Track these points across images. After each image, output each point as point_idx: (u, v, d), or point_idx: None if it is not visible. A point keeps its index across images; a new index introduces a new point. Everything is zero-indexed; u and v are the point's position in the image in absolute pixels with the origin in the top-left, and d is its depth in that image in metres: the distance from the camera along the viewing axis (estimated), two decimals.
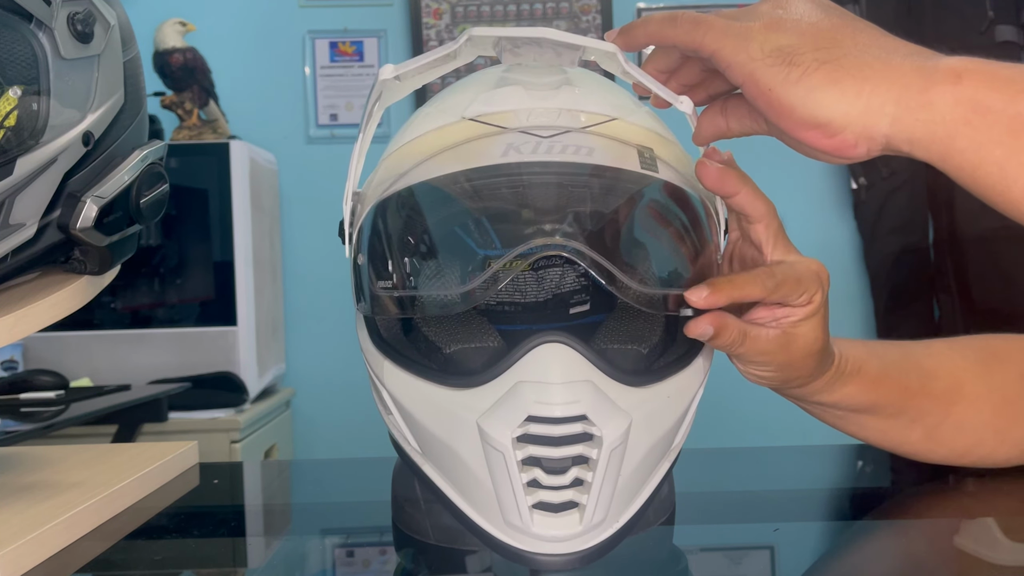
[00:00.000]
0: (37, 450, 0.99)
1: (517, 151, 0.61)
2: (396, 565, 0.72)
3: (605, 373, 0.60)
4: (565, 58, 0.65)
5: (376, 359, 0.65)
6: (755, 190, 0.65)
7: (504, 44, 0.64)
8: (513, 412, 0.58)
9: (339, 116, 2.96)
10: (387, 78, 0.64)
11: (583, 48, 0.64)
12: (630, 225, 0.64)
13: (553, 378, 0.58)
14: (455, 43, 0.63)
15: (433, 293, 0.63)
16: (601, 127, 0.63)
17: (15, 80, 0.65)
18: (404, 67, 0.64)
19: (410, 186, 0.63)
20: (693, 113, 0.66)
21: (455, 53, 0.63)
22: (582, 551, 0.59)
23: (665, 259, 0.65)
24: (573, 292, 0.72)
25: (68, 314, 0.74)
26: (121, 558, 0.72)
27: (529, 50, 0.65)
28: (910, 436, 0.78)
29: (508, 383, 0.59)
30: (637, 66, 0.65)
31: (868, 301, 2.93)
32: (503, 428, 0.58)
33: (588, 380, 0.59)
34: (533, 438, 0.58)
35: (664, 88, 0.65)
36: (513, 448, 0.58)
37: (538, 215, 0.61)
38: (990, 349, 0.81)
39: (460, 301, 0.62)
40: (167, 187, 0.78)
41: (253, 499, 1.00)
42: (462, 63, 0.66)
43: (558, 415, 0.58)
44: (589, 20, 2.87)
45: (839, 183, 2.96)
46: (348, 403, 2.77)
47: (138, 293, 2.46)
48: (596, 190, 0.63)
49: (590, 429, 0.58)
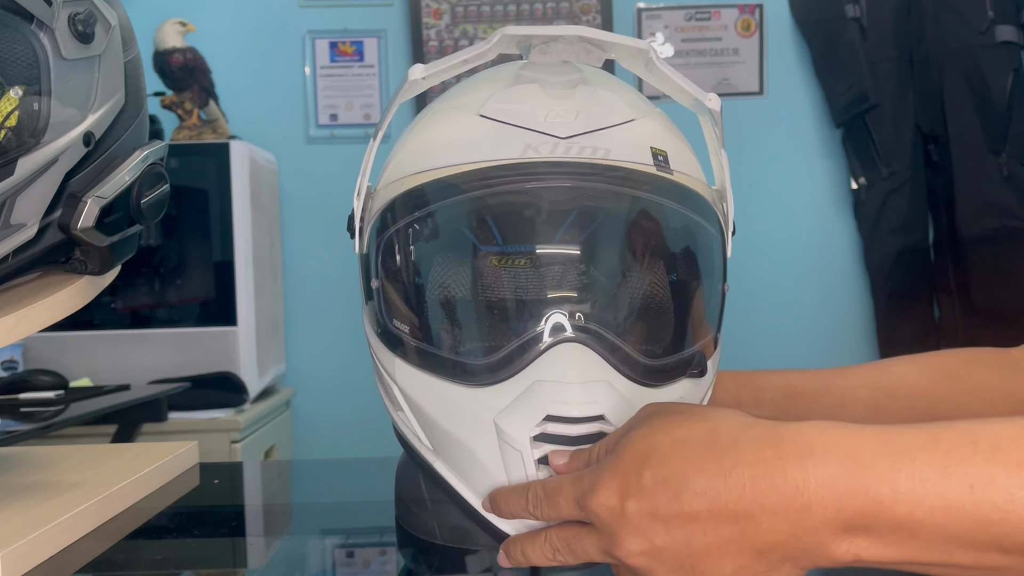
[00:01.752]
0: (37, 450, 0.99)
1: (535, 151, 0.61)
2: (399, 565, 0.72)
3: (621, 373, 0.60)
4: (594, 56, 0.66)
5: (386, 355, 0.65)
6: None
7: (535, 42, 0.65)
8: (531, 411, 0.58)
9: (339, 116, 2.95)
10: (416, 78, 0.64)
11: (614, 46, 0.64)
12: (644, 279, 0.64)
13: (571, 378, 0.59)
14: (487, 43, 0.63)
15: (444, 294, 0.63)
16: (617, 128, 0.63)
17: (16, 80, 0.65)
18: (433, 67, 0.64)
19: (425, 183, 0.63)
20: (720, 111, 0.67)
21: (485, 53, 0.64)
22: None
23: (678, 320, 0.65)
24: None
25: (69, 314, 0.74)
26: (121, 558, 0.72)
27: (558, 48, 0.65)
28: None
29: (525, 382, 0.59)
30: (667, 63, 0.66)
31: (868, 301, 2.93)
32: (521, 427, 0.58)
33: (605, 380, 0.59)
34: (550, 437, 0.59)
35: (693, 85, 0.66)
36: (531, 447, 0.58)
37: (550, 283, 0.61)
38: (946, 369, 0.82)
39: (471, 301, 0.62)
40: (167, 187, 0.78)
41: (253, 499, 1.00)
42: (489, 60, 0.66)
43: (576, 415, 0.58)
44: (589, 20, 2.87)
45: (839, 183, 2.96)
46: (348, 403, 2.77)
47: (138, 293, 2.45)
48: (612, 207, 0.63)
49: (607, 429, 0.58)
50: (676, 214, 0.64)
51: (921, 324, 2.88)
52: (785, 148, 2.97)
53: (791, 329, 2.92)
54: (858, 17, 2.83)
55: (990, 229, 2.74)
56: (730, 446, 0.48)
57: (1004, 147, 2.73)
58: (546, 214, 0.62)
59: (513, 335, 0.61)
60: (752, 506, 0.47)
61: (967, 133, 2.76)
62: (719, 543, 0.48)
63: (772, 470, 0.47)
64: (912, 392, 0.80)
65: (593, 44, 0.65)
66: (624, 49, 0.65)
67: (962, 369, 0.81)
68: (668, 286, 0.64)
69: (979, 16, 2.73)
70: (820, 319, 2.94)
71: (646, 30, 2.95)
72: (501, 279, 0.61)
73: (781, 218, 2.94)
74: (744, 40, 2.96)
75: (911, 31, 2.84)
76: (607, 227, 0.63)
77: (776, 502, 0.47)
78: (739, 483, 0.47)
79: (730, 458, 0.48)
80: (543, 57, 0.66)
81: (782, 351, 2.89)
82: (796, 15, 2.95)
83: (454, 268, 0.63)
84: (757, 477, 0.47)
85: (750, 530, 0.47)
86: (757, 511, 0.47)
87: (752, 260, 2.86)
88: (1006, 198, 2.74)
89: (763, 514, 0.47)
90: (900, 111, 2.83)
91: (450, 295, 0.63)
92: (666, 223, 0.65)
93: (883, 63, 2.82)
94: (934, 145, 2.86)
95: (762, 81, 2.97)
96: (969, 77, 2.75)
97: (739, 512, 0.47)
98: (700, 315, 0.66)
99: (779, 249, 2.93)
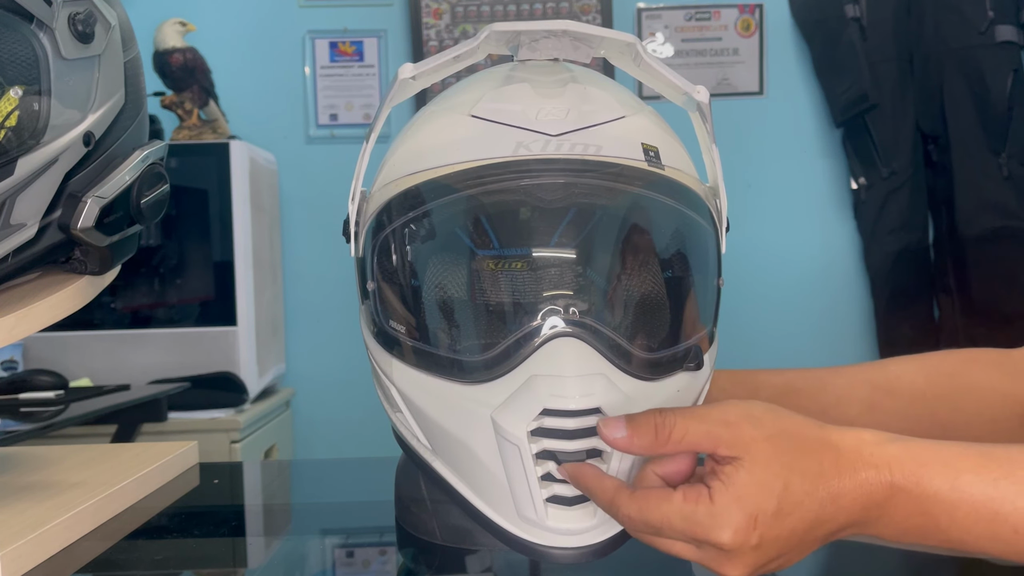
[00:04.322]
0: (37, 450, 0.99)
1: (527, 148, 0.61)
2: (398, 565, 0.72)
3: (617, 367, 0.60)
4: (582, 52, 0.66)
5: (383, 356, 0.65)
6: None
7: (523, 39, 0.65)
8: (528, 405, 0.58)
9: (339, 116, 2.95)
10: (406, 77, 0.65)
11: (601, 40, 0.64)
12: (639, 275, 0.64)
13: (568, 371, 0.59)
14: (474, 40, 0.63)
15: (440, 294, 0.63)
16: (608, 125, 0.63)
17: (16, 80, 0.65)
18: (423, 66, 0.65)
19: (419, 184, 0.63)
20: (708, 103, 0.67)
21: (474, 51, 0.64)
22: (595, 544, 0.60)
23: (673, 314, 0.65)
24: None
25: (68, 314, 0.74)
26: (121, 558, 0.72)
27: (547, 44, 0.65)
28: None
29: (522, 377, 0.59)
30: (655, 58, 0.65)
31: (868, 301, 2.93)
32: (518, 421, 0.58)
33: (601, 373, 0.59)
34: (548, 431, 0.59)
35: (681, 78, 0.66)
36: (528, 441, 0.58)
37: (546, 282, 0.61)
38: (943, 370, 0.82)
39: (468, 303, 0.62)
40: (167, 187, 0.78)
41: (253, 499, 1.00)
42: (479, 59, 0.66)
43: (573, 408, 0.58)
44: (589, 20, 2.87)
45: (839, 183, 2.96)
46: (348, 403, 2.77)
47: (138, 293, 2.45)
48: (604, 202, 0.63)
49: None
50: (669, 209, 0.65)
51: (921, 324, 2.87)
52: (785, 148, 2.97)
53: (791, 329, 2.92)
54: (858, 17, 2.83)
55: (990, 229, 2.74)
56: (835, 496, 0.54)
57: (1004, 147, 2.73)
58: (539, 211, 0.62)
59: (509, 331, 0.61)
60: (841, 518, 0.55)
61: (967, 133, 2.76)
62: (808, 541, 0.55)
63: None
64: (909, 391, 0.80)
65: (580, 39, 0.65)
66: (612, 43, 0.66)
67: (960, 368, 0.81)
68: (662, 280, 0.64)
69: (979, 16, 2.73)
70: (820, 319, 2.94)
71: (646, 30, 2.95)
72: (496, 277, 0.62)
73: (781, 218, 2.94)
74: (744, 40, 2.96)
75: (911, 31, 2.84)
76: (600, 223, 0.63)
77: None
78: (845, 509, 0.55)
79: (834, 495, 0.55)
80: (532, 54, 0.66)
81: (782, 351, 2.89)
82: (796, 15, 2.95)
83: (449, 267, 0.63)
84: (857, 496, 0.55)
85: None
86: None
87: (752, 260, 2.86)
88: (1006, 198, 2.74)
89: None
90: (900, 111, 2.83)
91: (446, 294, 0.63)
92: (659, 218, 0.65)
93: (883, 63, 2.82)
94: (934, 145, 2.86)
95: (762, 81, 2.97)
96: (969, 77, 2.75)
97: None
98: (694, 309, 0.66)
99: (779, 249, 2.93)
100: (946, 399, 0.79)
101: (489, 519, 0.62)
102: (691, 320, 0.66)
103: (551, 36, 0.65)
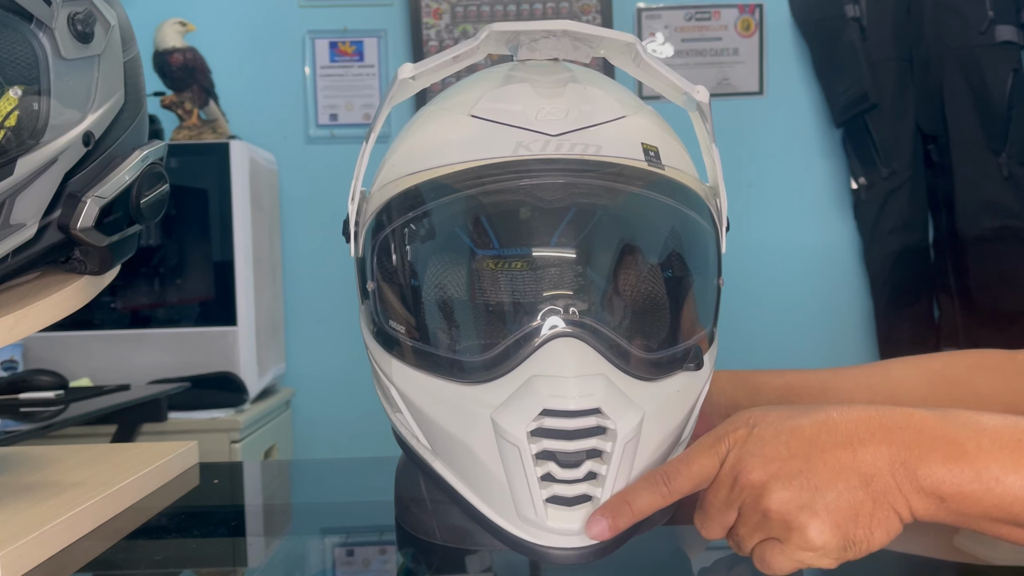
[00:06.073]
0: (37, 450, 0.99)
1: (527, 148, 0.61)
2: (398, 565, 0.72)
3: (617, 367, 0.60)
4: (581, 52, 0.66)
5: (383, 356, 0.65)
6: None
7: (523, 39, 0.65)
8: (528, 406, 0.58)
9: (339, 116, 2.95)
10: (406, 77, 0.65)
11: (601, 40, 0.64)
12: (639, 277, 0.65)
13: (567, 372, 0.59)
14: (474, 40, 0.63)
15: (440, 294, 0.63)
16: (608, 125, 0.63)
17: (15, 80, 0.65)
18: (423, 66, 0.65)
19: (419, 183, 0.63)
20: (708, 103, 0.67)
21: (473, 51, 0.64)
22: (595, 545, 0.60)
23: (672, 314, 0.66)
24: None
25: (68, 314, 0.74)
26: (121, 558, 0.72)
27: (547, 44, 0.65)
28: None
29: (522, 377, 0.59)
30: (655, 58, 0.65)
31: (868, 301, 2.93)
32: (518, 422, 0.58)
33: (601, 374, 0.59)
34: (547, 432, 0.59)
35: (681, 78, 0.66)
36: (528, 442, 0.58)
37: (546, 282, 0.62)
38: (945, 374, 0.82)
39: (468, 303, 0.62)
40: (167, 187, 0.78)
41: (253, 499, 1.00)
42: (479, 59, 0.66)
43: (573, 408, 0.58)
44: (589, 20, 2.87)
45: (839, 183, 2.96)
46: (348, 403, 2.77)
47: (138, 293, 2.45)
48: (604, 202, 0.63)
49: (604, 422, 0.59)
50: (669, 209, 0.65)
51: (921, 324, 2.88)
52: (785, 148, 2.97)
53: (791, 329, 2.92)
54: (858, 17, 2.83)
55: (990, 229, 2.74)
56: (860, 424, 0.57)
57: (1004, 147, 2.73)
58: (539, 211, 0.62)
59: (508, 331, 0.61)
60: (863, 434, 0.56)
61: (967, 133, 2.76)
62: (836, 467, 0.55)
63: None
64: (911, 397, 0.80)
65: (580, 39, 0.65)
66: (611, 43, 0.66)
67: (964, 375, 0.81)
68: (662, 280, 0.64)
69: (979, 16, 2.73)
70: (820, 319, 2.94)
71: (646, 30, 2.95)
72: (496, 277, 0.62)
73: (781, 218, 2.94)
74: (744, 40, 2.96)
75: (911, 31, 2.84)
76: (600, 222, 0.63)
77: (882, 435, 0.56)
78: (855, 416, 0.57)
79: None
80: (531, 54, 0.66)
81: (782, 351, 2.89)
82: (796, 15, 2.95)
83: (449, 267, 0.63)
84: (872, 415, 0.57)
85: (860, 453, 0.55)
86: (867, 438, 0.56)
87: (752, 260, 2.86)
88: (1006, 198, 2.74)
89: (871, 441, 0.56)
90: (900, 111, 2.83)
91: (446, 294, 0.63)
92: (659, 218, 0.65)
93: (883, 63, 2.82)
94: (934, 145, 2.86)
95: (762, 81, 2.97)
96: (969, 77, 2.75)
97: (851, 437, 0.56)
98: (694, 309, 0.66)
99: (779, 249, 2.93)
100: (949, 406, 0.79)
101: (489, 519, 0.62)
102: (691, 320, 0.66)
103: (551, 36, 0.65)
